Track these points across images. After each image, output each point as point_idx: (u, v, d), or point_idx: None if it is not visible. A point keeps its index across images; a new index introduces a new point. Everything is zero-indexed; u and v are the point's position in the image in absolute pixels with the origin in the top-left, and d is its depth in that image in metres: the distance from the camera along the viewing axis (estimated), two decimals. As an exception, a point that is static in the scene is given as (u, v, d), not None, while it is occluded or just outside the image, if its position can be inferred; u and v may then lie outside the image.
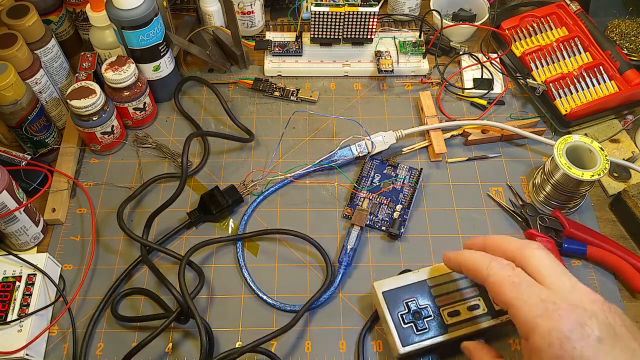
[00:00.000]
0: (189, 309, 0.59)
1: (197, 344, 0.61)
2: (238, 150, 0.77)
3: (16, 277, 0.61)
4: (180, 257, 0.65)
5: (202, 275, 0.64)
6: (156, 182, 0.73)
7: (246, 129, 0.77)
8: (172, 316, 0.58)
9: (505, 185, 0.74)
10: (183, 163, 0.68)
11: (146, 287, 0.65)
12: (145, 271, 0.66)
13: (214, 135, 0.77)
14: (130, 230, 0.65)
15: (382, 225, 0.70)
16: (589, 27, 0.82)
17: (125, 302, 0.64)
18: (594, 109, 0.77)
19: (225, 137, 0.76)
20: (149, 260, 0.65)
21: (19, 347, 0.57)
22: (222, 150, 0.77)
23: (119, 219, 0.65)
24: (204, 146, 0.77)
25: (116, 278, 0.65)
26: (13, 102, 0.66)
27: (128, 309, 0.64)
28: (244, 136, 0.76)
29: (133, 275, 0.66)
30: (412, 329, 0.57)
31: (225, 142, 0.78)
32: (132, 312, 0.64)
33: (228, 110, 0.77)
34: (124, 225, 0.65)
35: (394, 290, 0.59)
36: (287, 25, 0.92)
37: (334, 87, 0.84)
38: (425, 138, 0.78)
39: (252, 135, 0.76)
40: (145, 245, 0.65)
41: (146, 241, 0.65)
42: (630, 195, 0.69)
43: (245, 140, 0.76)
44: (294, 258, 0.68)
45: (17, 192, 0.62)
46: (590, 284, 0.66)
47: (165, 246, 0.68)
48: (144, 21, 0.70)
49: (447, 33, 0.87)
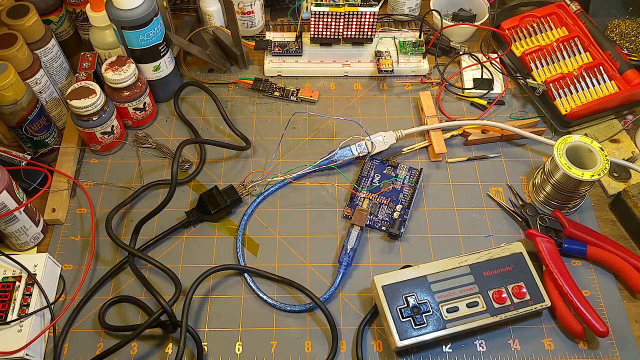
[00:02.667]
0: (173, 318, 0.59)
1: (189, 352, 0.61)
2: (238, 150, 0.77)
3: (16, 277, 0.61)
4: (165, 268, 0.63)
5: (179, 285, 0.62)
6: (152, 187, 0.72)
7: (243, 137, 0.76)
8: (145, 324, 0.58)
9: (505, 185, 0.74)
10: (173, 171, 0.66)
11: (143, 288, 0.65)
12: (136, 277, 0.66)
13: (208, 143, 0.75)
14: (117, 238, 0.64)
15: (382, 225, 0.70)
16: (589, 27, 0.82)
17: (120, 307, 0.64)
18: (594, 109, 0.77)
19: (219, 144, 0.75)
20: (137, 269, 0.65)
21: (19, 347, 0.57)
22: (222, 150, 0.77)
23: (107, 227, 0.65)
24: (200, 153, 0.76)
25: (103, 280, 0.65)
26: (13, 102, 0.66)
27: (125, 315, 0.64)
28: (240, 144, 0.75)
29: (123, 284, 0.66)
30: (411, 323, 0.58)
31: (227, 131, 0.78)
32: (131, 316, 0.63)
33: (226, 118, 0.76)
34: (111, 232, 0.65)
35: (394, 285, 0.60)
36: (287, 25, 0.92)
37: (334, 87, 0.84)
38: (425, 138, 0.78)
39: (249, 142, 0.75)
40: (132, 254, 0.65)
41: (133, 250, 0.64)
42: (630, 195, 0.69)
43: (241, 148, 0.75)
44: (294, 258, 0.68)
45: (17, 192, 0.62)
46: (590, 284, 0.66)
47: (162, 245, 0.68)
48: (144, 21, 0.70)
49: (447, 33, 0.87)
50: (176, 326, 0.60)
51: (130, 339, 0.58)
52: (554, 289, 0.63)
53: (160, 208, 0.66)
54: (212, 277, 0.66)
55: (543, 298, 0.61)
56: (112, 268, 0.66)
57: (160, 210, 0.67)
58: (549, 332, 0.63)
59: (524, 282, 0.62)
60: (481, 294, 0.60)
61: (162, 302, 0.58)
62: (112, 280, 0.66)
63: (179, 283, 0.62)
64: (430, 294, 0.60)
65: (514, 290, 0.61)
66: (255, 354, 0.61)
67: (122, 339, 0.59)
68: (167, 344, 0.61)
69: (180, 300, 0.63)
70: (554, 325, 0.63)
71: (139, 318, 0.63)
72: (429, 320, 0.59)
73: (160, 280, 0.66)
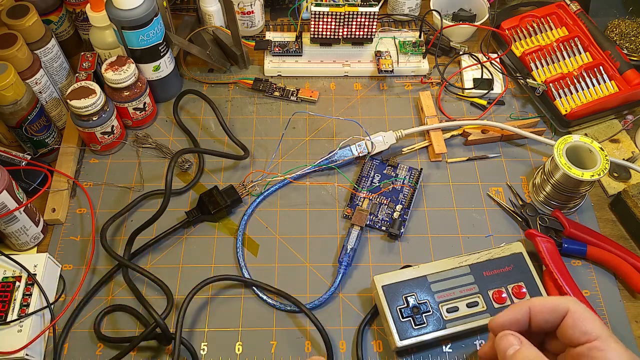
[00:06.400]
0: (166, 332, 0.59)
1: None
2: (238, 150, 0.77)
3: (16, 277, 0.61)
4: (158, 279, 0.63)
5: (171, 298, 0.61)
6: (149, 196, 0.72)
7: (242, 145, 0.75)
8: (138, 339, 0.58)
9: (505, 185, 0.74)
10: (167, 181, 0.65)
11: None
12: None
13: (205, 152, 0.74)
14: (111, 249, 0.64)
15: (382, 225, 0.70)
16: (589, 27, 0.82)
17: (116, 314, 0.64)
18: (594, 109, 0.77)
19: (217, 154, 0.74)
20: (130, 280, 0.65)
21: (19, 347, 0.57)
22: (222, 150, 0.77)
23: (102, 238, 0.65)
24: (199, 161, 0.75)
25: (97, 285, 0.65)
26: (13, 102, 0.66)
27: (122, 321, 0.63)
28: (239, 153, 0.74)
29: (123, 284, 0.65)
30: (411, 323, 0.58)
31: (226, 140, 0.78)
32: (129, 322, 0.63)
33: (225, 128, 0.75)
34: (105, 244, 0.65)
35: (394, 285, 0.60)
36: (287, 25, 0.92)
37: (334, 87, 0.84)
38: (425, 138, 0.78)
39: (247, 152, 0.74)
40: (126, 266, 0.65)
41: (126, 261, 0.64)
42: (630, 195, 0.69)
43: (239, 157, 0.74)
44: (294, 258, 0.68)
45: (17, 192, 0.62)
46: (590, 284, 0.66)
47: (162, 245, 0.68)
48: (144, 21, 0.70)
49: (447, 33, 0.87)
50: (170, 339, 0.59)
51: (124, 353, 0.58)
52: (554, 289, 0.63)
53: (153, 220, 0.66)
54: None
55: (543, 298, 0.61)
56: (112, 269, 0.66)
57: (153, 222, 0.66)
58: (549, 332, 0.63)
59: (524, 282, 0.62)
60: (481, 294, 0.61)
61: (155, 316, 0.58)
62: (112, 281, 0.66)
63: (171, 296, 0.61)
64: (430, 294, 0.60)
65: (514, 290, 0.61)
66: (255, 354, 0.61)
67: (119, 345, 0.59)
68: (163, 356, 0.61)
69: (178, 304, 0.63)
70: (554, 325, 0.63)
71: (137, 323, 0.63)
72: (429, 320, 0.59)
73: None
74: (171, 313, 0.62)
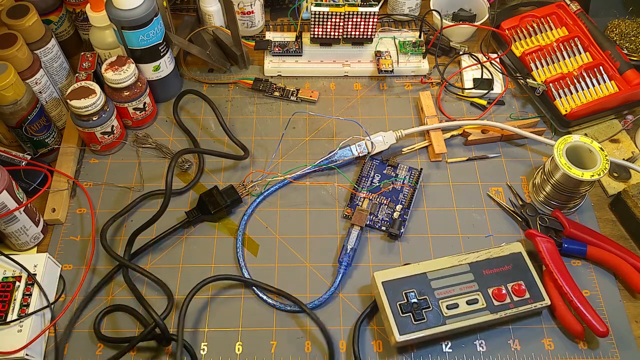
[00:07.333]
0: (166, 333, 0.59)
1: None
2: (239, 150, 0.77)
3: (16, 277, 0.61)
4: (158, 280, 0.63)
5: (171, 298, 0.62)
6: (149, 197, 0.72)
7: (242, 146, 0.75)
8: (136, 340, 0.58)
9: (505, 185, 0.74)
10: (167, 181, 0.66)
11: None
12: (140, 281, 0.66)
13: (205, 152, 0.74)
14: (111, 249, 0.64)
15: (382, 225, 0.70)
16: (589, 27, 0.82)
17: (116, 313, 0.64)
18: (594, 109, 0.77)
19: (217, 154, 0.74)
20: (130, 281, 0.65)
21: (19, 347, 0.57)
22: (222, 150, 0.77)
23: (102, 238, 0.65)
24: (199, 161, 0.75)
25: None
26: (13, 102, 0.66)
27: (122, 320, 0.63)
28: (239, 153, 0.74)
29: (123, 284, 0.65)
30: (410, 319, 0.59)
31: (226, 140, 0.78)
32: (129, 321, 0.63)
33: (225, 128, 0.75)
34: (105, 244, 0.65)
35: (394, 281, 0.61)
36: (287, 25, 0.92)
37: (334, 87, 0.84)
38: (425, 138, 0.78)
39: (247, 152, 0.74)
40: (126, 266, 0.65)
41: (127, 261, 0.64)
42: (630, 195, 0.69)
43: (239, 157, 0.74)
44: (294, 258, 0.68)
45: (17, 192, 0.62)
46: (590, 284, 0.66)
47: (162, 245, 0.68)
48: (144, 21, 0.70)
49: (447, 33, 0.87)
50: (170, 340, 0.59)
51: (122, 353, 0.58)
52: (554, 289, 0.63)
53: (153, 220, 0.66)
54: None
55: (543, 297, 0.61)
56: (112, 269, 0.66)
57: (153, 222, 0.66)
58: (549, 332, 0.63)
59: (523, 281, 0.62)
60: (481, 291, 0.61)
61: (155, 317, 0.58)
62: (112, 281, 0.66)
63: (172, 296, 0.61)
64: (430, 291, 0.60)
65: (513, 289, 0.61)
66: (255, 354, 0.61)
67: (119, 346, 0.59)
68: (163, 356, 0.61)
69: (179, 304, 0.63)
70: (554, 325, 0.63)
71: (137, 323, 0.63)
72: (429, 316, 0.59)
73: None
74: (171, 313, 0.62)
